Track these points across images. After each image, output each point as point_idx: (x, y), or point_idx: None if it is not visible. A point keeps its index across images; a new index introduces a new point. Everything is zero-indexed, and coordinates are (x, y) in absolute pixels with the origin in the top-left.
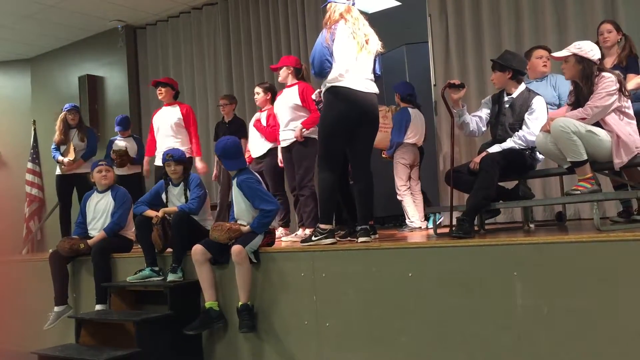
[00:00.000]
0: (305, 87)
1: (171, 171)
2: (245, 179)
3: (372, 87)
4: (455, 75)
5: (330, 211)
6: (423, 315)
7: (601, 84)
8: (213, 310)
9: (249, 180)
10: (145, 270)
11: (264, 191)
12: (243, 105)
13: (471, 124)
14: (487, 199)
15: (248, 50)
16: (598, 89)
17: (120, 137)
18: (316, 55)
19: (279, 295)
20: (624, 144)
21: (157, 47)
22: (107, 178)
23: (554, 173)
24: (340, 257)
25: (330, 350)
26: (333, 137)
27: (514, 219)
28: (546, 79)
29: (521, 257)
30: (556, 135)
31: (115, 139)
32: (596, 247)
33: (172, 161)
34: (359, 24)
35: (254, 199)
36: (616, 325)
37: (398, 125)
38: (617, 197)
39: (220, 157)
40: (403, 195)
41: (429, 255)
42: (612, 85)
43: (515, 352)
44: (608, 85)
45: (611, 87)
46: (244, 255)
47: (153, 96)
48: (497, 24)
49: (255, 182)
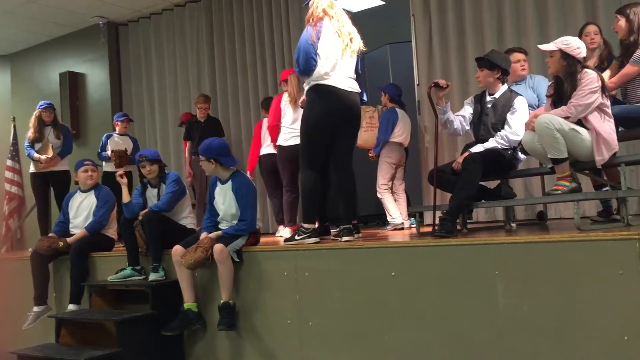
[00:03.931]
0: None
1: (147, 172)
2: (246, 183)
3: (355, 86)
4: (438, 75)
5: (313, 210)
6: (406, 313)
7: (584, 80)
8: (191, 311)
9: (249, 186)
10: (127, 269)
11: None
12: (226, 103)
13: (455, 122)
14: (470, 199)
15: (231, 48)
16: (581, 86)
17: (118, 134)
18: (301, 52)
19: (262, 295)
20: (604, 141)
21: (139, 44)
22: (93, 178)
23: (536, 173)
24: (324, 256)
25: (313, 349)
26: (316, 135)
27: (496, 218)
28: (524, 81)
29: (503, 256)
30: (540, 131)
31: (112, 134)
32: (577, 246)
33: (146, 161)
34: (342, 21)
35: (245, 208)
36: (596, 323)
37: (385, 124)
38: (597, 197)
39: (218, 156)
40: (383, 192)
41: (412, 255)
42: (595, 83)
43: (496, 350)
44: (591, 82)
45: (594, 85)
46: (226, 255)
47: (135, 93)
48: (480, 24)
49: (255, 190)
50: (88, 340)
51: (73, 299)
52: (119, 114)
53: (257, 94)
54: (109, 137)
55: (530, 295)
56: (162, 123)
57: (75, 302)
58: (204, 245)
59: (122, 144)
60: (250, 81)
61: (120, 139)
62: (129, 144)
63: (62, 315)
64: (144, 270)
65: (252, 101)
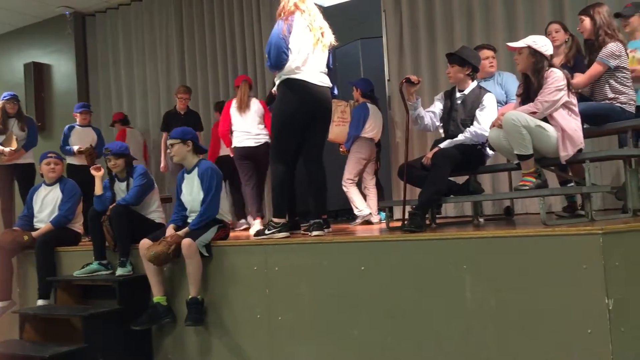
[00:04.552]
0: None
1: (112, 165)
2: (211, 167)
3: (326, 81)
4: (408, 71)
5: (283, 204)
6: (375, 308)
7: (550, 79)
8: (161, 305)
9: (215, 170)
10: (93, 264)
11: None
12: (196, 95)
13: (425, 117)
14: (439, 194)
15: (201, 40)
16: (547, 84)
17: (80, 125)
18: (272, 46)
19: (231, 289)
20: (569, 137)
21: (107, 35)
22: (56, 171)
23: (503, 168)
24: (294, 250)
25: (282, 344)
26: (287, 129)
27: (464, 213)
28: (493, 77)
29: (471, 250)
30: (507, 128)
31: (74, 126)
32: (542, 241)
33: (111, 155)
34: (314, 15)
35: (209, 190)
36: (560, 317)
37: (356, 119)
38: (562, 193)
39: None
40: (348, 186)
41: (382, 249)
42: (561, 81)
43: (463, 343)
44: (557, 80)
45: (560, 83)
46: (194, 249)
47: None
48: (450, 21)
49: (220, 176)
50: (53, 336)
51: (42, 294)
52: (78, 104)
53: (227, 87)
54: (71, 129)
55: (497, 289)
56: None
57: (45, 297)
58: (168, 239)
59: (86, 136)
60: (221, 75)
61: (83, 130)
62: (93, 136)
63: (26, 310)
64: (110, 265)
65: (223, 95)
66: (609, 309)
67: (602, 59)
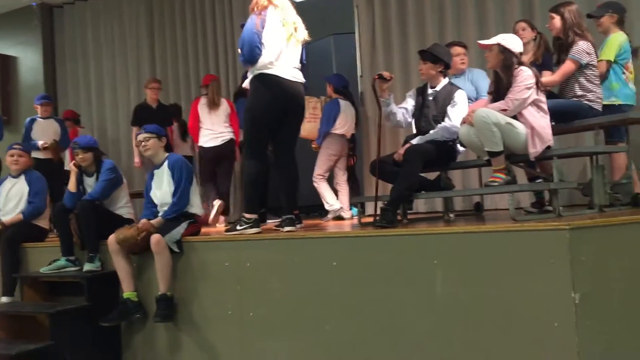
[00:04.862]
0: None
1: (79, 159)
2: (181, 160)
3: (300, 76)
4: (381, 67)
5: (255, 200)
6: (347, 303)
7: (519, 77)
8: (131, 301)
9: (184, 163)
10: (61, 260)
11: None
12: (167, 89)
13: (398, 114)
14: (410, 190)
15: (172, 34)
16: (517, 82)
17: (41, 117)
18: (246, 41)
19: (202, 286)
20: (538, 134)
21: (75, 27)
22: (19, 163)
23: (473, 165)
24: (265, 246)
25: (254, 340)
26: (260, 125)
27: (435, 208)
28: (464, 74)
29: (441, 246)
30: (478, 125)
31: (35, 118)
32: (511, 236)
33: (78, 149)
34: (287, 11)
35: (179, 181)
36: (528, 310)
37: (327, 115)
38: (531, 189)
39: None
40: (319, 182)
41: (353, 245)
42: (530, 79)
43: (434, 338)
44: (526, 78)
45: (529, 81)
46: (163, 245)
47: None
48: (422, 17)
49: (191, 168)
50: (20, 334)
51: (6, 291)
52: (38, 96)
53: (198, 81)
54: (32, 122)
55: (467, 284)
56: (99, 109)
57: (9, 295)
58: (139, 226)
59: (48, 128)
60: (192, 69)
61: (45, 122)
62: (56, 128)
63: None
64: (78, 261)
65: (194, 89)
66: (576, 302)
67: (574, 57)
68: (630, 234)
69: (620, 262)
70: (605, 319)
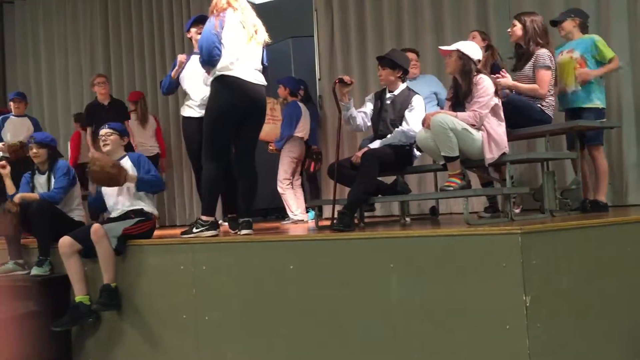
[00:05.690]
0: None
1: (33, 154)
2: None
3: (261, 79)
4: (339, 71)
5: (213, 203)
6: (303, 307)
7: (481, 86)
8: (83, 304)
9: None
10: (9, 263)
11: None
12: (122, 89)
13: (358, 118)
14: (368, 193)
15: (128, 33)
16: (480, 92)
17: (15, 115)
18: (204, 42)
19: (156, 289)
20: (494, 141)
21: (26, 24)
22: None
23: (430, 169)
24: (222, 249)
25: (209, 344)
26: (220, 127)
27: (391, 212)
28: (416, 79)
29: (397, 249)
30: (435, 130)
31: (8, 116)
32: (465, 240)
33: (33, 144)
34: (247, 13)
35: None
36: (481, 313)
37: (289, 118)
38: (485, 194)
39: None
40: (285, 188)
41: (310, 248)
42: (491, 88)
43: (390, 342)
44: (487, 87)
45: (491, 89)
46: (102, 234)
47: (21, 76)
48: (380, 22)
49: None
50: None
51: None
52: (12, 93)
53: (155, 82)
54: (5, 120)
55: (421, 288)
56: (51, 108)
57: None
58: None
59: (21, 126)
60: (148, 70)
61: (18, 120)
62: (28, 126)
63: None
64: (27, 264)
65: (150, 90)
66: (526, 305)
67: (545, 64)
68: (580, 239)
69: (570, 265)
70: (555, 321)
